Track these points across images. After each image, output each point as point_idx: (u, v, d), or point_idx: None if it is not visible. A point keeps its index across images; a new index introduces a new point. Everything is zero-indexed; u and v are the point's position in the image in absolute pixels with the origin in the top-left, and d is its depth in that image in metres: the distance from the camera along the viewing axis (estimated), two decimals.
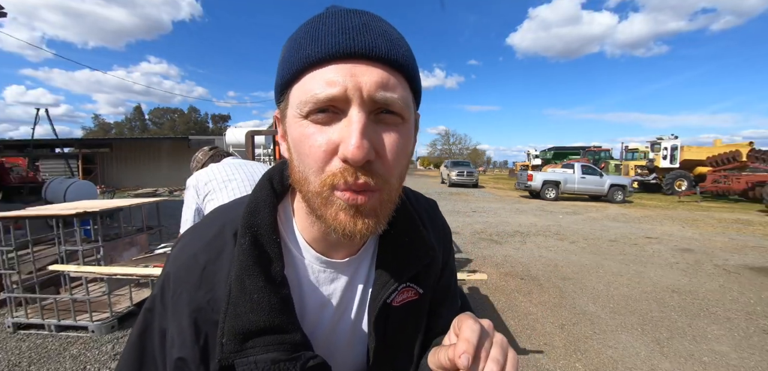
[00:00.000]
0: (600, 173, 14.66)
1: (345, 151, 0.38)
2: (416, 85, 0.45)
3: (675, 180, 16.80)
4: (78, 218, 3.09)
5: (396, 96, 0.40)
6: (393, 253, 0.55)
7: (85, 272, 2.85)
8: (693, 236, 7.49)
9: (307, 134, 0.40)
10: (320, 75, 0.39)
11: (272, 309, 0.45)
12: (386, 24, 0.44)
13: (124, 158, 21.35)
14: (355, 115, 0.38)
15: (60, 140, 19.13)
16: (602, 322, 3.45)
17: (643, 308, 3.79)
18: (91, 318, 3.06)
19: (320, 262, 0.52)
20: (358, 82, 0.38)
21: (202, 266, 0.48)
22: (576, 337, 3.16)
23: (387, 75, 0.40)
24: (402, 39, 0.44)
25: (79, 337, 3.02)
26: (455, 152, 64.69)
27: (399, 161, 0.43)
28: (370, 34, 0.40)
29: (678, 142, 17.68)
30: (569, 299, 4.02)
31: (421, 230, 0.57)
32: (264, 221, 0.49)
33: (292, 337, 0.46)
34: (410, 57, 0.44)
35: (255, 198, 0.52)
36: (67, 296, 3.08)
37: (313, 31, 0.41)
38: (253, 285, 0.45)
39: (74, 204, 3.65)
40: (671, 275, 4.90)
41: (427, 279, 0.59)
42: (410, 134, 0.45)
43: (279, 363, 0.44)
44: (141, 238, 3.97)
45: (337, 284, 0.54)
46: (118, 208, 3.74)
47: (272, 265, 0.47)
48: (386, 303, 0.54)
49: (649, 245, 6.62)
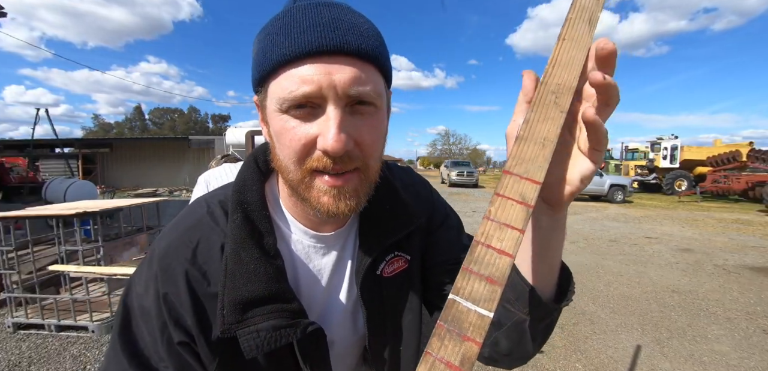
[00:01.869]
0: (600, 173, 14.66)
1: (324, 145, 0.40)
2: (387, 70, 0.47)
3: (675, 180, 16.79)
4: (78, 218, 3.10)
5: (369, 89, 0.42)
6: (374, 222, 0.56)
7: (85, 272, 2.86)
8: (693, 236, 7.48)
9: (287, 128, 0.42)
10: (296, 73, 0.40)
11: (269, 278, 0.46)
12: (356, 15, 0.45)
13: (124, 158, 21.35)
14: (331, 111, 0.40)
15: (60, 140, 19.12)
16: (602, 322, 3.45)
17: (643, 308, 3.79)
18: (92, 318, 3.06)
19: (309, 236, 0.54)
20: (332, 81, 0.40)
21: (196, 242, 0.49)
22: (576, 337, 3.16)
23: (359, 71, 0.41)
24: (371, 28, 0.45)
25: (80, 337, 3.02)
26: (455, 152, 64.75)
27: (376, 145, 0.45)
28: (341, 30, 0.41)
29: (678, 142, 17.69)
30: None
31: (402, 196, 0.59)
32: (254, 198, 0.51)
33: (290, 306, 0.47)
34: (380, 45, 0.45)
35: (242, 177, 0.53)
36: (68, 296, 3.08)
37: (285, 28, 0.42)
38: (249, 256, 0.46)
39: (74, 204, 3.65)
40: (671, 275, 4.90)
41: (412, 246, 0.60)
42: (384, 118, 0.47)
43: (280, 330, 0.45)
44: (141, 238, 3.97)
45: (327, 258, 0.55)
46: (118, 208, 3.75)
47: (265, 238, 0.49)
48: (376, 274, 0.56)
49: (649, 245, 6.62)
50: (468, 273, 0.33)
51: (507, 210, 0.34)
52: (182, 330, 0.46)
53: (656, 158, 18.39)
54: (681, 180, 16.67)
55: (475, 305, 0.32)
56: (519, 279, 0.47)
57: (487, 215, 0.34)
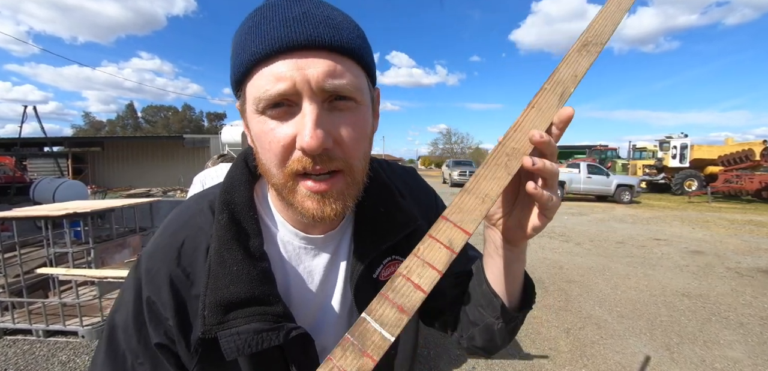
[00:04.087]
0: (606, 173, 14.65)
1: (301, 142, 0.41)
2: (368, 65, 0.47)
3: (685, 180, 16.78)
4: (68, 219, 3.10)
5: (345, 82, 0.42)
6: (369, 225, 0.56)
7: (75, 275, 2.85)
8: (704, 238, 7.47)
9: (265, 130, 0.43)
10: (268, 71, 0.41)
11: (252, 280, 0.47)
12: (329, 8, 0.45)
13: (116, 158, 21.35)
14: (307, 107, 0.41)
15: (49, 138, 19.16)
16: (609, 326, 3.45)
17: (651, 312, 3.79)
18: (82, 322, 3.05)
19: (299, 238, 0.54)
20: (305, 75, 0.40)
21: (181, 243, 0.50)
22: (582, 342, 3.15)
23: (333, 64, 0.41)
24: (347, 21, 0.45)
25: (69, 342, 3.02)
26: (457, 151, 64.70)
27: (358, 144, 0.45)
28: (311, 23, 0.41)
29: (688, 140, 17.67)
30: (575, 302, 4.02)
31: (397, 199, 0.59)
32: (241, 199, 0.52)
33: (273, 309, 0.47)
34: (357, 38, 0.45)
35: (231, 177, 0.55)
36: (56, 300, 3.08)
37: (255, 26, 0.42)
38: (232, 258, 0.47)
39: (64, 205, 3.65)
40: (681, 278, 4.89)
41: (409, 250, 0.60)
42: (367, 115, 0.47)
43: (261, 334, 0.45)
44: (133, 240, 3.97)
45: (318, 260, 0.56)
46: (109, 209, 3.74)
47: (250, 240, 0.49)
48: (372, 278, 0.56)
49: (657, 247, 6.61)
50: (383, 299, 0.37)
51: (433, 251, 0.39)
52: (162, 331, 0.48)
53: (665, 157, 18.37)
54: (691, 180, 16.65)
55: (382, 327, 0.36)
56: (488, 290, 0.56)
57: (415, 252, 0.39)
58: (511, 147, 0.41)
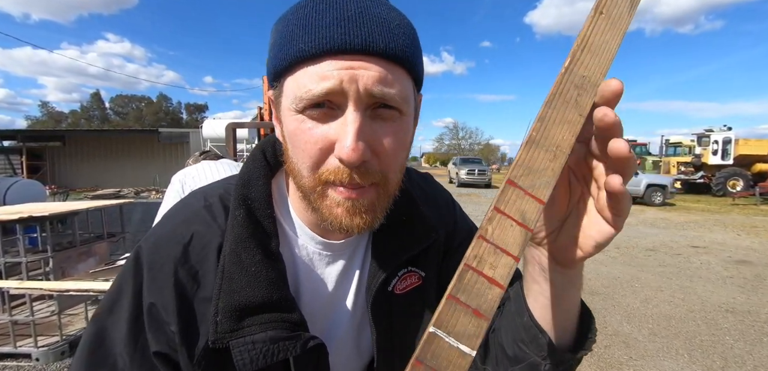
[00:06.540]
0: (635, 172, 14.61)
1: (340, 152, 0.42)
2: (418, 73, 0.49)
3: (728, 179, 16.72)
4: (21, 224, 3.07)
5: (394, 92, 0.43)
6: (389, 234, 0.58)
7: (29, 289, 2.82)
8: (751, 246, 7.44)
9: (302, 130, 0.44)
10: (315, 70, 0.42)
11: (271, 283, 0.48)
12: (386, 7, 0.46)
13: (80, 154, 21.37)
14: (350, 115, 0.42)
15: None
16: (639, 346, 3.42)
17: (689, 330, 3.76)
18: (36, 343, 3.02)
19: (315, 242, 0.56)
20: (354, 79, 0.41)
21: (188, 238, 0.50)
22: (608, 363, 3.13)
23: (385, 71, 0.43)
24: (403, 22, 0.47)
25: (20, 367, 2.98)
26: (465, 147, 64.82)
27: (397, 157, 0.47)
28: (367, 25, 0.42)
29: (731, 134, 17.58)
30: (599, 317, 3.99)
31: (420, 208, 0.61)
32: (259, 195, 0.53)
33: (291, 316, 0.48)
34: (411, 45, 0.46)
35: (248, 170, 0.56)
36: (6, 317, 3.03)
37: (305, 20, 0.43)
38: (250, 258, 0.48)
39: (17, 208, 3.63)
40: (724, 291, 4.86)
41: (428, 262, 0.62)
42: (409, 126, 0.49)
43: (278, 343, 0.46)
44: (100, 247, 3.95)
45: (332, 267, 0.58)
46: (72, 212, 3.72)
47: (269, 240, 0.51)
48: (387, 290, 0.58)
49: (695, 256, 6.58)
50: (454, 304, 0.32)
51: (505, 231, 0.33)
52: (163, 339, 0.47)
53: (704, 153, 18.32)
54: (736, 179, 16.60)
55: (458, 341, 0.32)
56: (531, 323, 0.49)
57: (483, 234, 0.33)
58: (580, 75, 0.33)
